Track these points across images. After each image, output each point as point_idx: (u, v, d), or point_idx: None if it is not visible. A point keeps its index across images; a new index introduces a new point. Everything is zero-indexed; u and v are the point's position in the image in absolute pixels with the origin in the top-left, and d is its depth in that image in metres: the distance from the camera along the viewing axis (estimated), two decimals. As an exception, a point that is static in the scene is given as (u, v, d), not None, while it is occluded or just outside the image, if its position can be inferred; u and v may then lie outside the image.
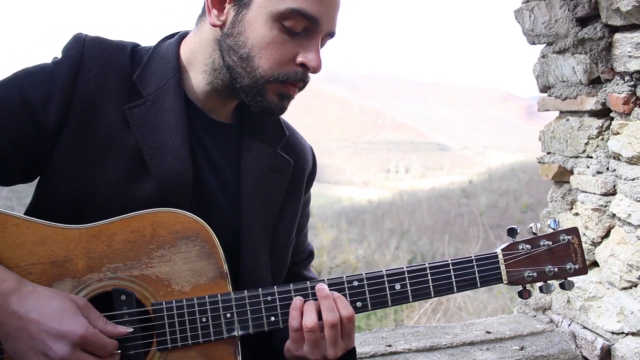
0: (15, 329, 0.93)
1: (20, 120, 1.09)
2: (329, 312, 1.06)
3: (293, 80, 1.12)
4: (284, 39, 1.08)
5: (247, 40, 1.10)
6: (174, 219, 1.08)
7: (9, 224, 1.06)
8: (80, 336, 0.93)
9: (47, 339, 0.92)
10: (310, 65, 1.10)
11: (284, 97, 1.15)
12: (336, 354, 1.07)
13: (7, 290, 0.95)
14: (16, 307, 0.94)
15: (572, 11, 1.78)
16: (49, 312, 0.94)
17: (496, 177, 65.41)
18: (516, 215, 48.51)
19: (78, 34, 1.17)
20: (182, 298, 1.06)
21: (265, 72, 1.10)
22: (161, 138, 1.13)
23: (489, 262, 1.17)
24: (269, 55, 1.09)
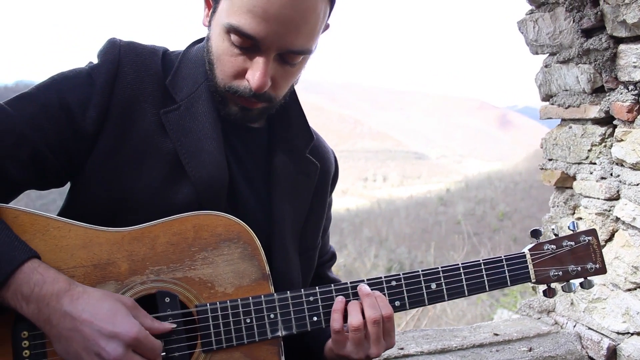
0: (68, 330, 0.93)
1: (59, 124, 1.09)
2: (372, 310, 1.09)
3: (242, 95, 1.10)
4: (234, 52, 1.07)
5: (212, 47, 1.12)
6: (216, 222, 1.09)
7: (51, 227, 1.06)
8: (133, 337, 0.93)
9: (100, 340, 0.92)
10: (251, 84, 1.07)
11: (244, 110, 1.14)
12: (379, 352, 1.10)
13: (59, 291, 0.95)
14: (68, 308, 0.93)
15: (578, 23, 1.86)
16: (101, 313, 0.94)
17: (473, 186, 66.42)
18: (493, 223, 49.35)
19: (112, 38, 1.17)
20: (225, 300, 1.07)
21: (219, 82, 1.12)
22: (197, 142, 1.14)
23: (517, 262, 1.21)
24: (221, 66, 1.10)
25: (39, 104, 1.08)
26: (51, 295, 0.94)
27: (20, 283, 0.94)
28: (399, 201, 66.65)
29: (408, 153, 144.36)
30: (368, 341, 1.09)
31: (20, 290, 0.93)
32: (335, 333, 1.10)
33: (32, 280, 0.94)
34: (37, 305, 0.94)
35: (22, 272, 0.94)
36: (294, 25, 1.02)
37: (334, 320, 1.09)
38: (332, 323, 1.09)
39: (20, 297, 0.94)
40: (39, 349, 1.00)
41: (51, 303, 0.94)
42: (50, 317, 0.93)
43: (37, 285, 0.94)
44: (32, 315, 0.94)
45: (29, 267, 0.95)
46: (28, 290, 0.93)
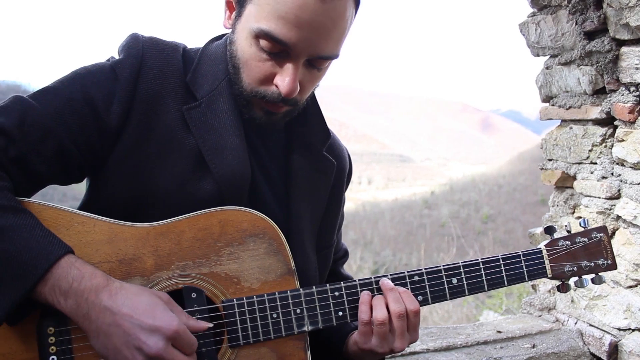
0: (107, 325, 0.92)
1: (83, 118, 1.08)
2: (396, 304, 1.10)
3: (271, 100, 1.10)
4: (262, 58, 1.06)
5: (237, 52, 1.11)
6: (241, 217, 1.10)
7: (75, 222, 1.06)
8: (174, 330, 0.93)
9: (141, 334, 0.91)
10: (280, 89, 1.07)
11: (269, 114, 1.14)
12: (403, 346, 1.11)
13: (97, 285, 0.94)
14: (108, 303, 0.93)
15: (581, 25, 1.90)
16: (141, 307, 0.93)
17: (457, 189, 66.98)
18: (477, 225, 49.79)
19: (134, 33, 1.17)
20: (251, 295, 1.07)
21: (246, 87, 1.11)
22: (220, 139, 1.14)
23: (534, 257, 1.23)
24: (248, 71, 1.09)
25: (64, 98, 1.08)
26: (90, 290, 0.93)
27: (58, 278, 0.93)
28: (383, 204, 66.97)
29: (393, 156, 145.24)
30: (393, 335, 1.11)
31: (59, 285, 0.93)
32: (363, 325, 1.10)
33: (70, 275, 0.93)
34: (76, 300, 0.93)
35: (60, 267, 0.94)
36: (325, 31, 1.02)
37: (362, 312, 1.10)
38: (360, 315, 1.10)
39: (59, 292, 0.93)
40: (66, 345, 0.99)
41: (90, 298, 0.93)
42: (89, 312, 0.93)
43: (75, 280, 0.93)
44: (71, 311, 0.94)
45: (66, 262, 0.95)
46: (66, 285, 0.93)
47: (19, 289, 0.92)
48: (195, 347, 0.97)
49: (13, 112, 1.04)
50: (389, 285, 1.13)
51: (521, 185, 58.85)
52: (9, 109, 1.05)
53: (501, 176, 65.73)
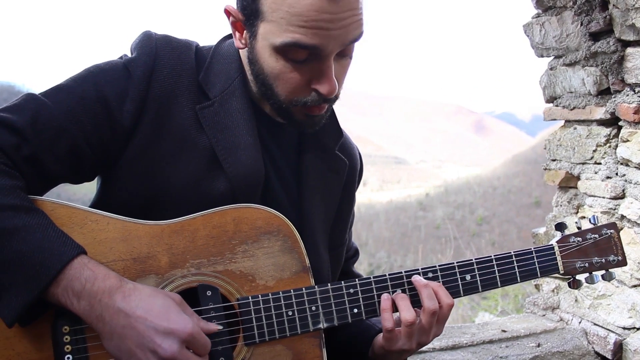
0: (122, 327, 0.91)
1: (96, 117, 1.08)
2: (430, 301, 1.10)
3: (312, 104, 1.10)
4: (293, 68, 1.06)
5: (263, 69, 1.10)
6: (255, 215, 1.10)
7: (89, 220, 1.05)
8: (189, 333, 0.92)
9: (156, 336, 0.91)
10: (322, 92, 1.07)
11: (310, 117, 1.14)
12: (429, 340, 1.12)
13: (111, 287, 0.93)
14: (121, 305, 0.92)
15: (586, 26, 1.91)
16: (155, 309, 0.92)
17: (452, 190, 67.12)
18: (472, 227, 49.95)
19: (147, 31, 1.17)
20: (266, 292, 1.07)
21: (284, 99, 1.10)
22: (233, 138, 1.14)
23: (546, 254, 1.24)
24: (282, 85, 1.08)
25: (77, 96, 1.07)
26: (103, 292, 0.93)
27: (71, 279, 0.92)
28: (378, 205, 67.02)
29: (388, 158, 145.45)
30: (420, 331, 1.11)
31: (72, 286, 0.92)
32: (387, 332, 1.10)
33: (83, 276, 0.93)
34: (89, 301, 0.92)
35: (73, 268, 0.93)
36: (347, 22, 1.02)
37: (385, 320, 1.10)
38: (384, 323, 1.10)
39: (72, 293, 0.92)
40: (81, 344, 0.99)
41: (103, 299, 0.92)
42: (103, 313, 0.92)
43: (88, 281, 0.93)
44: (84, 312, 0.93)
45: (79, 263, 0.94)
46: (79, 287, 0.92)
47: (31, 290, 0.91)
48: (209, 349, 0.96)
49: (26, 111, 1.04)
50: (422, 282, 1.12)
51: (516, 187, 59.08)
52: (21, 107, 1.05)
53: (496, 178, 65.98)
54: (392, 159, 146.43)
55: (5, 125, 1.01)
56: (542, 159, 2.37)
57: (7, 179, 0.97)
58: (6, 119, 1.02)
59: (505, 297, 8.03)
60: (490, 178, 67.08)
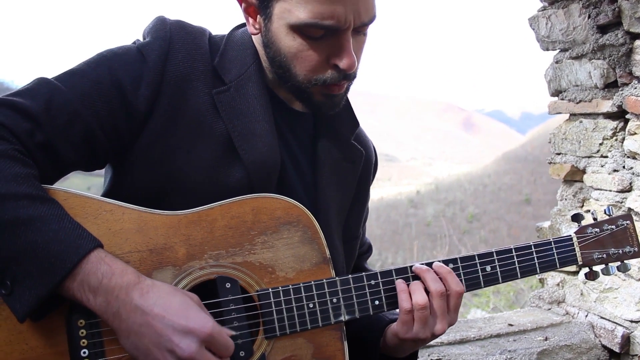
0: (139, 325, 0.88)
1: (111, 102, 1.04)
2: (435, 283, 1.08)
3: (332, 82, 1.08)
4: (311, 46, 1.04)
5: (280, 51, 1.08)
6: (274, 205, 1.07)
7: (103, 210, 1.02)
8: (208, 333, 0.88)
9: (174, 335, 0.87)
10: (342, 67, 1.05)
11: (330, 97, 1.12)
12: (443, 329, 1.10)
13: (129, 283, 0.90)
14: (139, 302, 0.88)
15: (594, 19, 1.90)
16: (173, 307, 0.89)
17: (443, 188, 67.46)
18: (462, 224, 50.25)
19: (160, 16, 1.14)
20: (287, 284, 1.05)
21: (303, 79, 1.08)
22: (249, 125, 1.12)
23: (565, 245, 1.23)
24: (300, 65, 1.07)
25: (91, 80, 1.04)
26: (120, 288, 0.89)
27: (88, 273, 0.88)
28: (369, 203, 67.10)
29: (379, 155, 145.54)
30: (434, 318, 1.09)
31: (88, 281, 0.88)
32: (405, 313, 1.08)
33: (99, 271, 0.89)
34: (106, 297, 0.88)
35: (89, 262, 0.89)
36: None
37: (402, 300, 1.08)
38: (401, 303, 1.08)
39: (87, 288, 0.89)
40: (96, 338, 0.95)
41: (120, 296, 0.89)
42: (120, 310, 0.88)
43: (105, 276, 0.89)
44: (100, 308, 0.89)
45: (96, 257, 0.90)
46: (96, 282, 0.88)
47: (46, 284, 0.87)
48: (231, 351, 0.93)
49: (39, 95, 1.00)
50: (422, 268, 1.11)
51: (506, 184, 59.49)
52: (34, 92, 1.01)
53: (486, 175, 66.37)
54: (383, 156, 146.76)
55: (18, 110, 0.98)
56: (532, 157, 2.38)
57: (21, 166, 0.93)
58: (20, 104, 0.98)
59: (497, 294, 8.08)
60: (480, 175, 67.51)
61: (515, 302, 7.24)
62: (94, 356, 0.95)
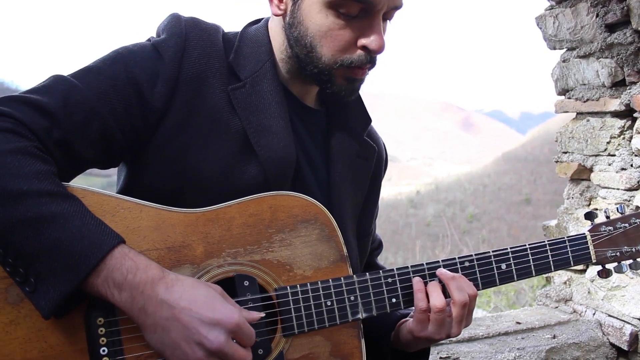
0: (165, 319, 0.88)
1: (127, 99, 1.05)
2: (459, 293, 1.08)
3: (358, 65, 1.10)
4: (342, 25, 1.06)
5: (307, 30, 1.08)
6: (292, 202, 1.08)
7: (121, 208, 1.02)
8: (235, 323, 0.89)
9: (202, 328, 0.87)
10: (372, 47, 1.07)
11: (352, 81, 1.14)
12: (459, 332, 1.10)
13: (153, 278, 0.89)
14: (165, 296, 0.88)
15: (602, 18, 1.91)
16: (199, 300, 0.89)
17: (443, 188, 67.47)
18: (462, 224, 50.27)
19: (175, 13, 1.15)
20: (304, 282, 1.05)
21: (329, 60, 1.09)
22: (264, 121, 1.12)
23: (579, 243, 1.24)
24: (329, 44, 1.07)
25: (107, 77, 1.04)
26: (145, 283, 0.89)
27: (112, 269, 0.88)
28: (377, 200, 66.94)
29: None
30: (451, 322, 1.09)
31: (112, 277, 0.88)
32: (420, 312, 1.09)
33: (124, 267, 0.89)
34: (131, 293, 0.88)
35: (114, 258, 0.89)
36: None
37: (418, 299, 1.08)
38: (417, 303, 1.09)
39: (112, 284, 0.88)
40: (115, 336, 0.95)
41: (146, 291, 0.88)
42: (146, 305, 0.88)
43: (129, 272, 0.89)
44: (125, 304, 0.89)
45: (119, 253, 0.90)
46: (121, 278, 0.88)
47: (70, 281, 0.87)
48: (254, 340, 0.93)
49: (56, 92, 1.00)
50: (448, 274, 1.11)
51: (506, 184, 59.50)
52: (51, 89, 1.01)
53: (486, 175, 66.38)
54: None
55: (36, 107, 0.98)
56: (532, 157, 2.39)
57: (42, 163, 0.93)
58: (37, 101, 0.98)
59: (497, 294, 8.09)
60: (480, 175, 67.53)
61: (517, 302, 7.25)
62: (113, 354, 0.95)
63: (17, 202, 0.87)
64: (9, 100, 0.99)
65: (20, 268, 0.88)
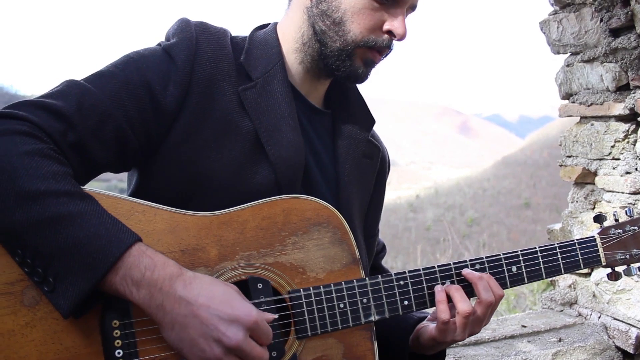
0: (183, 316, 0.89)
1: (140, 102, 1.06)
2: (487, 293, 1.10)
3: (380, 47, 1.15)
4: (374, 7, 1.12)
5: (340, 5, 1.13)
6: (305, 206, 1.09)
7: (135, 211, 1.03)
8: (254, 321, 0.90)
9: (220, 324, 0.88)
10: (397, 32, 1.14)
11: (369, 64, 1.18)
12: (479, 330, 1.12)
13: (171, 275, 0.91)
14: (183, 293, 0.89)
15: (607, 22, 1.92)
16: (217, 297, 0.90)
17: (442, 192, 67.48)
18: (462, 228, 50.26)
19: (184, 18, 1.17)
20: (318, 285, 1.06)
21: (356, 37, 1.14)
22: (275, 121, 1.14)
23: (589, 246, 1.25)
24: (360, 21, 1.13)
25: (120, 81, 1.06)
26: (163, 280, 0.90)
27: (130, 267, 0.89)
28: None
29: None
30: (474, 323, 1.10)
31: (131, 274, 0.89)
32: (443, 324, 1.10)
33: (142, 264, 0.90)
34: (149, 290, 0.89)
35: (131, 256, 0.90)
36: None
37: (441, 311, 1.09)
38: (440, 314, 1.09)
39: (131, 282, 0.89)
40: (130, 339, 0.96)
41: (164, 288, 0.89)
42: (164, 302, 0.89)
43: (147, 269, 0.90)
44: (144, 302, 0.90)
45: (137, 250, 0.91)
46: (139, 275, 0.89)
47: (89, 279, 0.88)
48: (271, 338, 0.94)
49: (71, 96, 1.02)
50: (476, 274, 1.12)
51: (505, 188, 59.51)
52: (66, 93, 1.03)
53: (485, 179, 66.41)
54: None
55: (51, 111, 0.99)
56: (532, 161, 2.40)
57: (58, 165, 0.94)
58: (52, 105, 0.99)
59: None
60: (480, 179, 67.58)
61: (517, 305, 7.25)
62: (128, 356, 0.96)
63: (34, 202, 0.88)
64: (24, 105, 1.00)
65: (38, 268, 0.89)
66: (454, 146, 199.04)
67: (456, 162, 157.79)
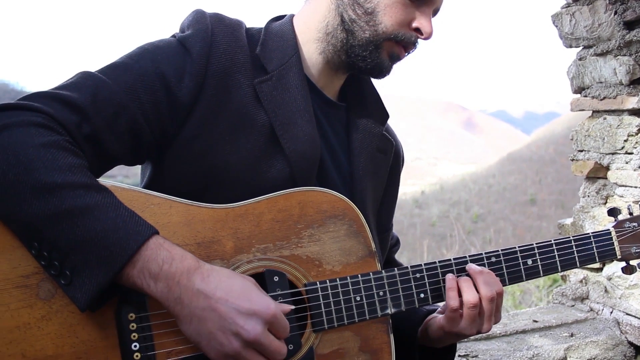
0: (201, 309, 0.88)
1: (155, 94, 1.05)
2: (487, 287, 1.09)
3: (407, 42, 1.17)
4: (406, 3, 1.14)
5: None
6: (320, 198, 1.08)
7: (150, 204, 1.02)
8: (272, 314, 0.89)
9: (239, 318, 0.87)
10: (425, 30, 1.16)
11: (394, 58, 1.19)
12: (489, 328, 1.10)
13: (189, 268, 0.90)
14: (201, 286, 0.89)
15: (621, 15, 1.90)
16: (236, 290, 0.89)
17: (448, 188, 67.31)
18: (467, 225, 50.13)
19: (199, 9, 1.15)
20: (334, 278, 1.06)
21: (387, 29, 1.14)
22: (290, 114, 1.13)
23: (604, 239, 1.24)
24: (392, 14, 1.14)
25: (135, 73, 1.05)
26: (181, 273, 0.89)
27: (148, 260, 0.89)
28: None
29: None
30: (481, 317, 1.10)
31: (148, 267, 0.88)
32: (452, 311, 1.09)
33: (159, 257, 0.89)
34: (167, 283, 0.88)
35: (149, 249, 0.89)
36: None
37: (450, 298, 1.09)
38: (449, 301, 1.09)
39: (148, 275, 0.89)
40: (147, 332, 0.96)
41: (182, 281, 0.89)
42: (182, 296, 0.88)
43: (165, 262, 0.89)
44: (161, 295, 0.89)
45: (154, 243, 0.90)
46: (156, 268, 0.88)
47: (106, 272, 0.87)
48: (288, 332, 0.93)
49: (85, 88, 1.01)
50: (477, 269, 1.12)
51: (511, 184, 59.32)
52: (80, 85, 1.02)
53: (491, 176, 66.23)
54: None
55: (66, 103, 0.98)
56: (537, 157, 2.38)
57: (74, 157, 0.94)
58: (67, 97, 0.99)
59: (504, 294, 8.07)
60: (485, 176, 67.36)
61: (522, 301, 7.23)
62: (144, 350, 0.95)
63: (51, 194, 0.88)
64: (39, 97, 1.00)
65: (55, 261, 0.88)
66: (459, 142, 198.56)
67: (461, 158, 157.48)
